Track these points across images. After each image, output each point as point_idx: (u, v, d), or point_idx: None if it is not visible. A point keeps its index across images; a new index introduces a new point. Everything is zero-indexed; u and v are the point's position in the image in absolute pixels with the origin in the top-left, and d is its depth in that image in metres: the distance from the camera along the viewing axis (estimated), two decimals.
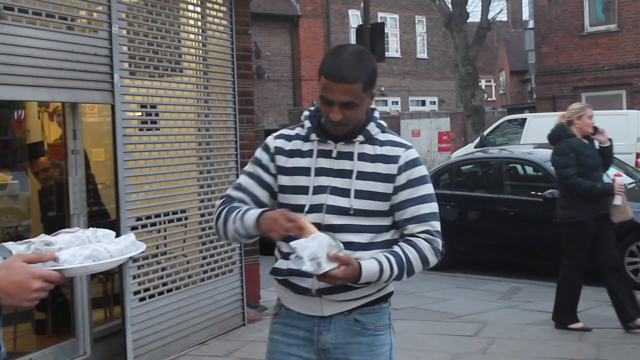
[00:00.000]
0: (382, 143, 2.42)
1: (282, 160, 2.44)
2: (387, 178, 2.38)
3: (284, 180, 2.42)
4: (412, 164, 2.42)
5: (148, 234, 5.24)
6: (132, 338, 5.06)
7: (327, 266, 2.16)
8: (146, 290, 5.23)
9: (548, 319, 6.62)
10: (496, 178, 9.30)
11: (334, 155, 2.40)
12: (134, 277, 5.12)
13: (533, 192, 8.99)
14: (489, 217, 9.24)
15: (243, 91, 6.41)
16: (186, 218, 5.71)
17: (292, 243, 2.21)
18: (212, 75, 6.11)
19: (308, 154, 2.41)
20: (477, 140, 16.40)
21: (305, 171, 2.40)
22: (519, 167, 9.67)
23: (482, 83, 39.29)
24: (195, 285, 5.75)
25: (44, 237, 1.77)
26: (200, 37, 6.05)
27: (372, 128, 2.43)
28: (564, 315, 6.14)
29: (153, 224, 5.32)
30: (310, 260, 2.15)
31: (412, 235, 2.38)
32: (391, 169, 2.38)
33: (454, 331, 6.31)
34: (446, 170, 10.13)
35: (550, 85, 20.71)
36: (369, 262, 2.28)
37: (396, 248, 2.36)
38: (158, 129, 5.58)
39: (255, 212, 2.34)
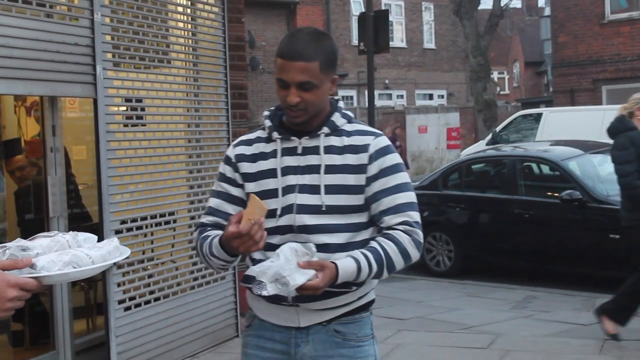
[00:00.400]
0: (350, 133, 2.43)
1: (245, 167, 2.46)
2: (358, 169, 2.39)
3: (251, 187, 2.43)
4: (383, 152, 2.41)
5: (134, 238, 5.24)
6: (116, 350, 5.05)
7: (299, 279, 2.16)
8: (132, 299, 5.23)
9: (566, 330, 6.62)
10: (510, 178, 9.31)
11: (299, 151, 2.41)
12: (119, 285, 5.12)
13: (549, 193, 8.99)
14: (502, 220, 9.24)
15: (236, 84, 6.41)
16: (175, 221, 5.71)
17: (250, 270, 2.27)
18: (203, 67, 6.11)
19: (272, 154, 2.43)
20: (489, 137, 16.43)
21: (271, 173, 2.41)
22: (534, 166, 9.67)
23: (495, 75, 39.36)
24: (184, 293, 5.75)
25: (20, 242, 1.77)
26: (189, 26, 6.05)
27: (337, 119, 2.44)
28: (619, 314, 6.15)
29: (139, 228, 5.32)
30: (272, 283, 2.17)
31: (390, 228, 2.38)
32: (361, 158, 2.39)
33: (464, 343, 6.31)
34: (455, 169, 10.14)
35: (568, 77, 20.72)
36: (345, 261, 2.28)
37: (373, 243, 2.36)
38: (144, 125, 5.58)
39: (217, 238, 2.35)
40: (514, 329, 6.74)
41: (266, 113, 2.51)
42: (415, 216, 2.41)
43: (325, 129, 2.42)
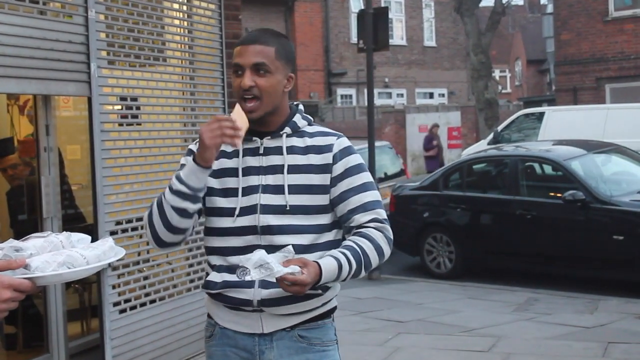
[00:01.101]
0: (312, 135, 2.49)
1: None
2: (323, 168, 2.44)
3: (212, 182, 2.45)
4: (347, 152, 2.49)
5: (129, 239, 5.24)
6: (111, 353, 5.05)
7: (282, 269, 2.17)
8: (127, 301, 5.23)
9: (568, 333, 6.63)
10: (511, 178, 9.31)
11: (260, 151, 2.45)
12: (114, 287, 5.12)
13: (552, 194, 9.00)
14: (504, 220, 9.25)
15: None
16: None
17: (211, 276, 2.30)
18: (199, 65, 6.11)
19: (234, 154, 2.47)
20: (491, 136, 16.42)
21: (232, 172, 2.45)
22: (536, 166, 9.68)
23: (496, 73, 39.38)
24: (180, 295, 5.75)
25: (13, 243, 1.77)
26: (185, 23, 6.05)
27: (298, 120, 2.51)
28: None
29: (134, 229, 5.32)
30: (256, 268, 2.18)
31: (361, 226, 2.44)
32: (326, 158, 2.45)
33: (465, 346, 6.32)
34: (456, 169, 10.14)
35: (571, 75, 20.73)
36: (326, 260, 2.31)
37: (348, 242, 2.41)
38: (139, 124, 5.58)
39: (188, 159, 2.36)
40: (516, 331, 6.75)
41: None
42: (383, 213, 2.49)
43: (287, 130, 2.47)
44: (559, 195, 8.67)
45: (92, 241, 1.92)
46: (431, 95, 32.02)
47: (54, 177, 5.07)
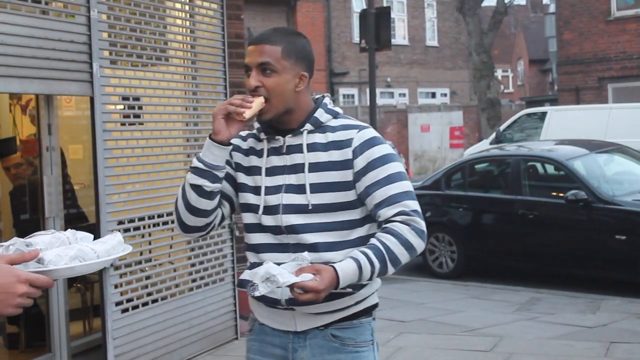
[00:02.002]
0: (334, 129, 2.43)
1: (239, 158, 2.50)
2: (343, 165, 2.38)
3: (244, 178, 2.47)
4: (369, 144, 2.39)
5: (131, 239, 5.24)
6: (113, 353, 5.06)
7: (290, 278, 2.15)
8: (129, 300, 5.23)
9: (571, 333, 6.63)
10: (514, 178, 9.31)
11: (284, 150, 2.43)
12: (116, 287, 5.12)
13: (554, 193, 9.00)
14: (506, 220, 9.24)
15: (235, 82, 6.41)
16: (173, 221, 5.68)
17: (244, 274, 2.30)
18: (201, 65, 6.12)
19: (262, 153, 2.47)
20: (493, 136, 16.42)
21: (259, 171, 2.45)
22: (538, 165, 9.67)
23: (498, 73, 39.36)
24: (183, 295, 5.76)
25: (23, 239, 1.78)
26: (187, 23, 6.05)
27: (320, 115, 2.44)
28: None
29: (136, 228, 5.32)
30: (263, 282, 2.17)
31: (387, 220, 2.33)
32: (345, 154, 2.38)
33: (467, 346, 6.32)
34: (458, 169, 10.13)
35: (574, 75, 20.72)
36: (344, 263, 2.25)
37: (372, 240, 2.32)
38: (142, 124, 5.58)
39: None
40: (518, 331, 6.75)
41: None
42: (413, 205, 2.35)
43: (308, 126, 2.42)
44: (561, 195, 8.66)
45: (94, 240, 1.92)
46: (433, 95, 32.01)
47: (57, 177, 5.08)
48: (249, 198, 2.45)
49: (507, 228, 9.19)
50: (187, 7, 6.05)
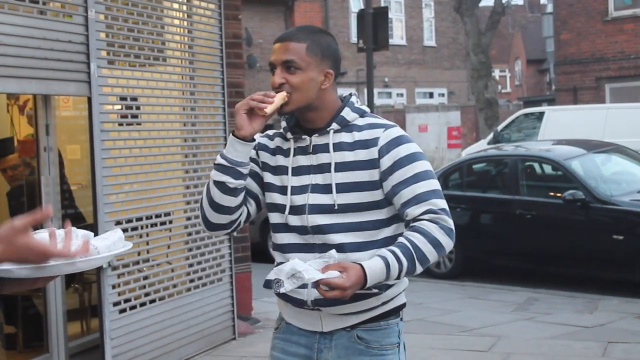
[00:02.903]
0: (361, 128, 2.41)
1: (266, 157, 2.49)
2: (370, 164, 2.37)
3: (271, 178, 2.47)
4: (395, 142, 2.37)
5: (129, 239, 5.19)
6: (111, 353, 5.06)
7: (316, 274, 2.15)
8: (127, 301, 5.23)
9: (568, 333, 6.63)
10: (511, 178, 9.31)
11: (310, 150, 2.42)
12: (113, 287, 5.12)
13: (552, 193, 9.00)
14: (504, 220, 9.25)
15: (233, 82, 6.42)
16: (171, 222, 5.71)
17: (270, 274, 2.28)
18: (199, 65, 6.12)
19: (288, 152, 2.45)
20: (490, 136, 16.43)
21: (286, 170, 2.44)
22: (536, 165, 9.68)
23: (496, 73, 39.38)
24: (180, 295, 5.76)
25: None
26: (185, 23, 6.05)
27: (347, 114, 2.43)
28: None
29: (134, 229, 5.32)
30: (289, 279, 2.16)
31: (415, 219, 2.32)
32: (372, 153, 2.37)
33: (465, 346, 6.32)
34: (456, 169, 10.14)
35: (571, 75, 20.73)
36: (372, 261, 2.24)
37: (400, 238, 2.31)
38: (139, 124, 5.58)
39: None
40: (516, 331, 6.75)
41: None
42: (440, 203, 2.34)
43: (335, 125, 2.41)
44: (558, 195, 8.67)
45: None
46: (431, 95, 32.01)
47: (54, 177, 5.07)
48: (275, 198, 2.44)
49: (504, 228, 9.20)
50: (184, 7, 6.05)
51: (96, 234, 1.87)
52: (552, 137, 13.14)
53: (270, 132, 2.56)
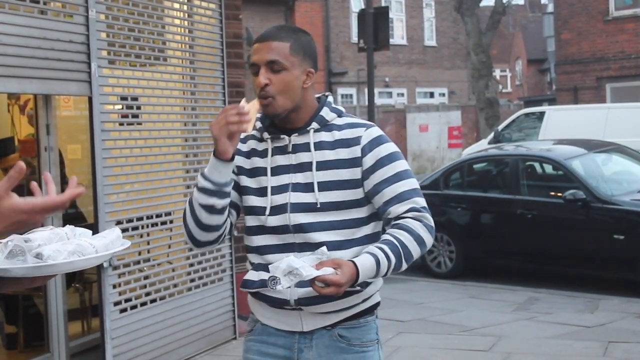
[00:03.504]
0: (341, 127, 2.43)
1: (240, 161, 2.47)
2: (352, 162, 2.39)
3: (247, 181, 2.45)
4: (377, 142, 2.41)
5: (129, 238, 5.19)
6: (111, 353, 5.06)
7: (313, 271, 2.15)
8: (127, 300, 5.23)
9: (569, 332, 6.63)
10: (512, 177, 9.31)
11: (289, 149, 2.42)
12: (114, 287, 5.12)
13: (553, 193, 9.00)
14: (504, 220, 9.25)
15: (233, 82, 6.41)
16: (171, 221, 5.71)
17: (249, 274, 2.30)
18: (200, 65, 6.11)
19: (266, 153, 2.44)
20: (491, 135, 16.43)
21: (264, 171, 2.43)
22: (537, 165, 9.68)
23: (497, 73, 39.37)
24: (181, 295, 5.76)
25: (22, 235, 1.77)
26: (186, 23, 6.05)
27: (326, 113, 2.45)
28: None
29: (135, 228, 5.32)
30: (286, 275, 2.16)
31: (398, 217, 2.37)
32: (354, 152, 2.39)
33: (465, 345, 6.32)
34: (457, 168, 10.14)
35: (572, 75, 20.74)
36: (363, 258, 2.26)
37: (386, 236, 2.35)
38: (140, 124, 5.58)
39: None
40: (516, 331, 6.75)
41: (258, 115, 2.52)
42: (421, 201, 2.40)
43: (315, 125, 2.42)
44: (559, 194, 8.67)
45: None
46: (432, 95, 32.02)
47: (55, 177, 5.07)
48: (253, 200, 2.43)
49: (505, 228, 9.20)
50: (185, 7, 6.05)
51: (96, 233, 1.86)
52: (552, 137, 13.14)
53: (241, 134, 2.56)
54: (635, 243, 8.03)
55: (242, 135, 2.48)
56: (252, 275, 2.43)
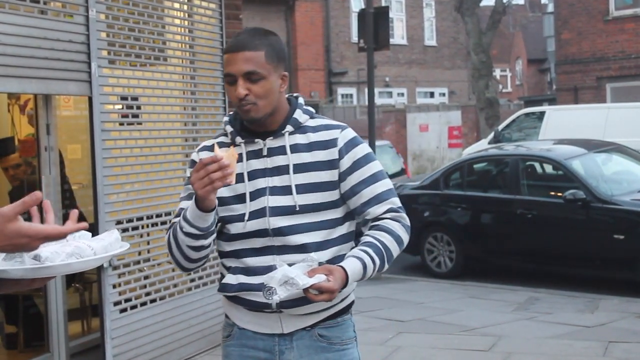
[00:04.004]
0: (315, 129, 2.44)
1: None
2: (330, 164, 2.40)
3: (222, 191, 2.38)
4: (352, 143, 2.44)
5: (129, 238, 5.24)
6: (111, 353, 5.06)
7: (308, 280, 2.17)
8: (127, 300, 5.23)
9: (569, 332, 6.63)
10: (512, 177, 9.31)
11: (264, 153, 2.41)
12: (114, 286, 5.12)
13: (553, 193, 9.00)
14: (504, 220, 9.24)
15: None
16: (171, 221, 5.70)
17: (227, 278, 2.30)
18: (200, 65, 6.11)
19: (239, 158, 2.40)
20: (491, 135, 16.42)
21: (239, 177, 2.39)
22: (537, 165, 9.68)
23: (497, 73, 39.36)
24: (181, 295, 5.76)
25: None
26: (186, 23, 6.05)
27: (299, 116, 2.45)
28: None
29: (135, 228, 5.33)
30: (282, 285, 2.17)
31: (377, 218, 2.42)
32: (331, 154, 2.40)
33: (465, 345, 6.32)
34: (457, 168, 10.14)
35: (572, 75, 20.73)
36: (351, 262, 2.30)
37: (368, 238, 2.38)
38: (140, 124, 5.58)
39: (191, 205, 2.30)
40: (516, 331, 6.75)
41: (226, 119, 2.51)
42: (398, 201, 2.46)
43: (289, 127, 2.42)
44: (559, 194, 8.67)
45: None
46: (432, 95, 32.01)
47: (55, 177, 5.07)
48: (229, 209, 2.41)
49: (505, 228, 9.20)
50: (185, 7, 6.05)
51: (96, 234, 1.86)
52: (552, 137, 13.14)
53: (207, 143, 2.51)
54: (635, 243, 8.03)
55: (210, 144, 2.45)
56: (231, 279, 2.43)
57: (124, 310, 5.19)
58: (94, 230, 4.94)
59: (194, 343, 5.82)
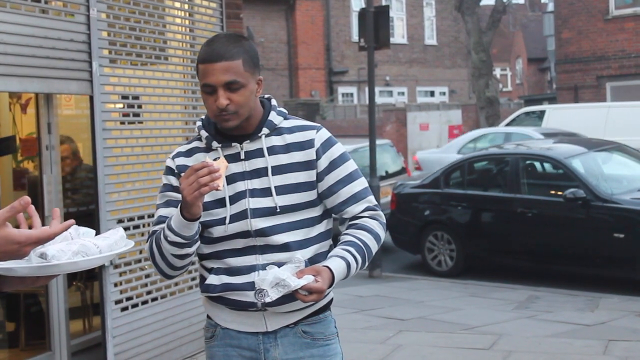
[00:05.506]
0: (290, 130, 2.46)
1: None
2: (307, 165, 2.43)
3: None
4: (328, 144, 2.47)
5: (131, 237, 5.23)
6: (113, 351, 5.06)
7: (299, 281, 2.20)
8: (129, 299, 5.23)
9: (569, 331, 6.63)
10: (512, 176, 9.31)
11: (242, 156, 2.42)
12: (116, 285, 5.12)
13: (553, 192, 9.00)
14: (505, 218, 9.25)
15: None
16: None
17: (210, 279, 2.35)
18: None
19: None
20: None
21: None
22: (537, 164, 9.68)
23: (497, 72, 39.36)
24: (182, 293, 5.76)
25: None
26: (187, 22, 6.05)
27: (274, 117, 2.46)
28: None
29: (136, 227, 5.33)
30: (273, 287, 2.20)
31: (355, 217, 2.47)
32: (309, 154, 2.43)
33: (466, 344, 6.32)
34: (457, 167, 10.13)
35: (572, 74, 20.73)
36: (335, 262, 2.34)
37: (348, 237, 2.44)
38: (141, 122, 5.58)
39: (175, 214, 2.31)
40: (517, 329, 6.75)
41: (199, 123, 2.51)
42: (373, 200, 2.51)
43: (265, 130, 2.43)
44: (559, 193, 8.68)
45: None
46: (432, 94, 32.01)
47: (56, 176, 5.07)
48: (210, 214, 2.41)
49: (505, 226, 9.20)
50: (186, 6, 6.05)
51: (98, 232, 1.86)
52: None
53: (181, 148, 2.53)
54: (636, 242, 8.03)
55: (185, 149, 2.49)
56: (214, 280, 2.45)
57: (125, 308, 5.19)
58: (95, 229, 4.94)
59: (194, 342, 5.82)
